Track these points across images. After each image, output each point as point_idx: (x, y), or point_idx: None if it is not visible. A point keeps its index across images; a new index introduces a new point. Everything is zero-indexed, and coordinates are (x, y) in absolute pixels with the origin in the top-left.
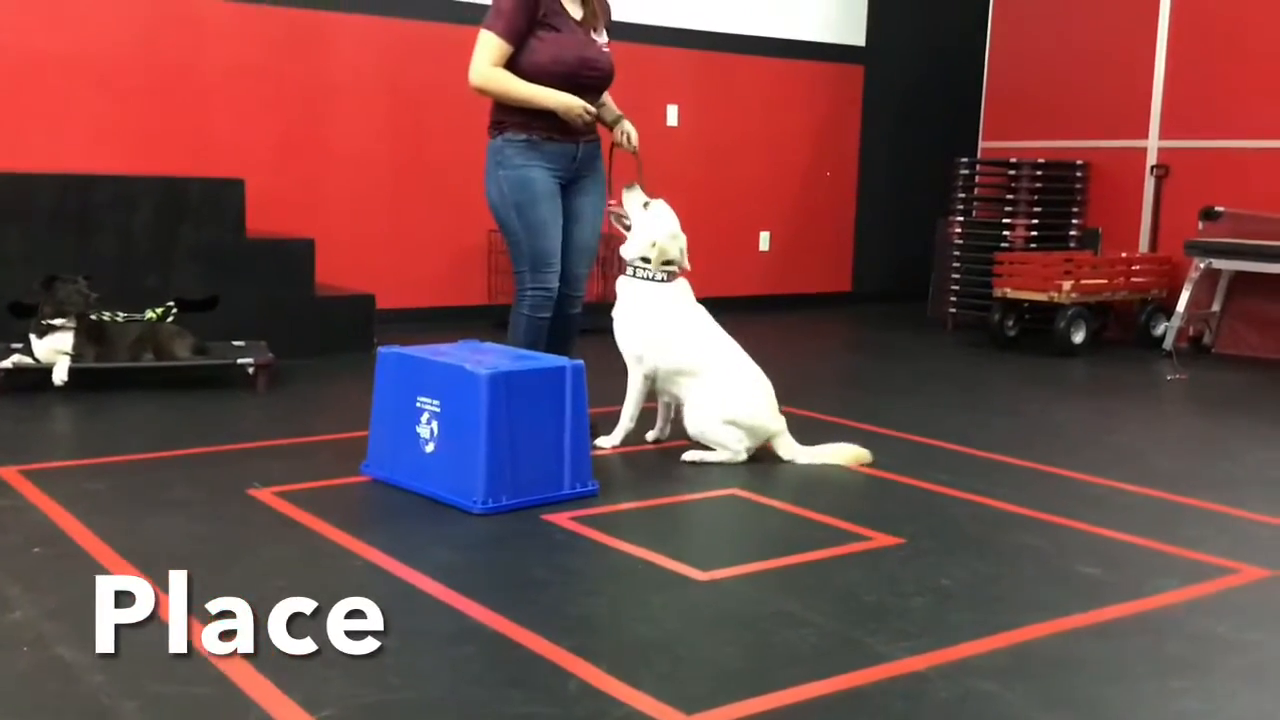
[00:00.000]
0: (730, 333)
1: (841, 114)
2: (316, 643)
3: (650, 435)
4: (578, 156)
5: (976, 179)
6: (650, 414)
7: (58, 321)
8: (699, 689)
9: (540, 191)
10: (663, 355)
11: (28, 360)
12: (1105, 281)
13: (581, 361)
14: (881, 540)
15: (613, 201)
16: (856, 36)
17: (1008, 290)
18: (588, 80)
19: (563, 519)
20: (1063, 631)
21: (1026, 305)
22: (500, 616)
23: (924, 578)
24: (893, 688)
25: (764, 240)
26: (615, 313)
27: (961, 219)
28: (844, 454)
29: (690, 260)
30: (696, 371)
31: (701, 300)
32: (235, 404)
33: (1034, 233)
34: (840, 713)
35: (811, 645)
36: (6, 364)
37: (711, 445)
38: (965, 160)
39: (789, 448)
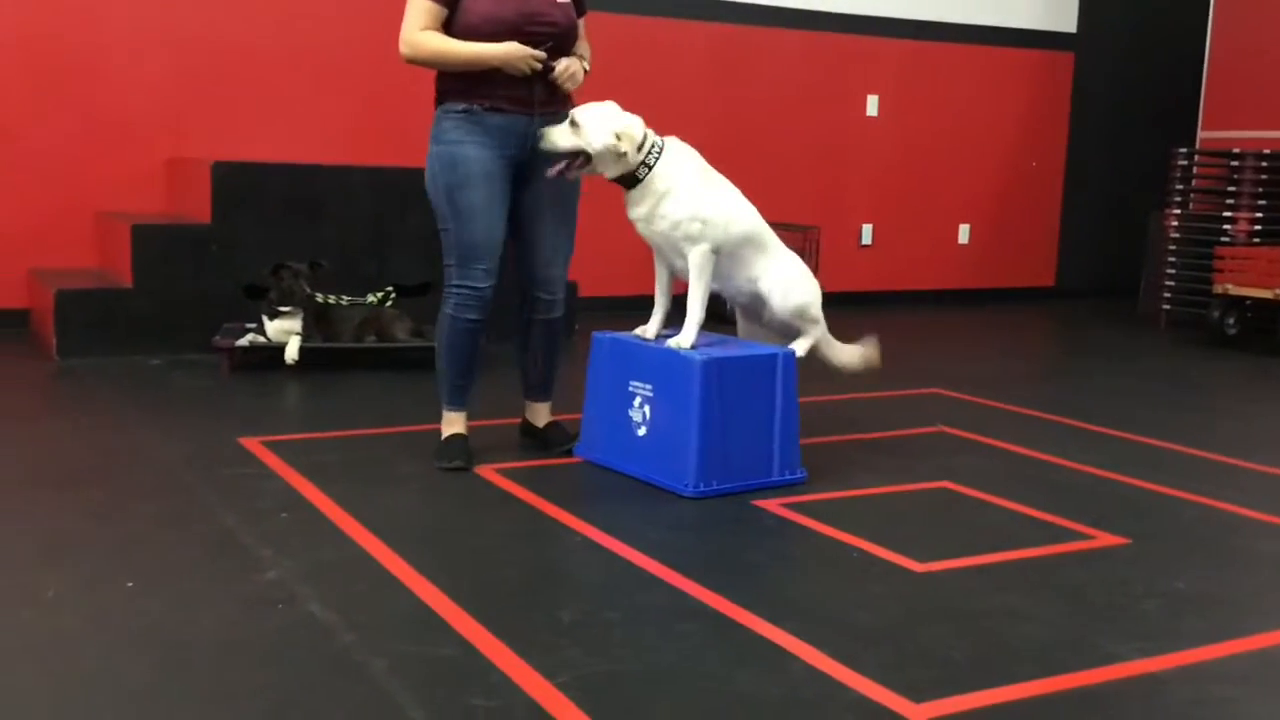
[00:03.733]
0: (929, 326)
1: (1049, 103)
2: (547, 613)
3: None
4: (532, 132)
5: (1195, 170)
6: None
7: (285, 308)
8: (925, 679)
9: (475, 172)
10: (728, 220)
11: (261, 339)
12: None
13: (793, 349)
14: (1105, 540)
15: (551, 170)
16: (1067, 23)
17: (1229, 286)
18: (534, 40)
19: (773, 505)
20: None
21: (1249, 303)
22: (719, 596)
23: (1154, 580)
24: (1128, 689)
25: (963, 233)
26: (646, 206)
27: (1178, 212)
28: (857, 356)
29: (887, 251)
30: (765, 243)
31: (898, 293)
32: None
33: (1258, 226)
34: (1074, 711)
35: (1039, 642)
36: (243, 342)
37: (806, 323)
38: (1183, 151)
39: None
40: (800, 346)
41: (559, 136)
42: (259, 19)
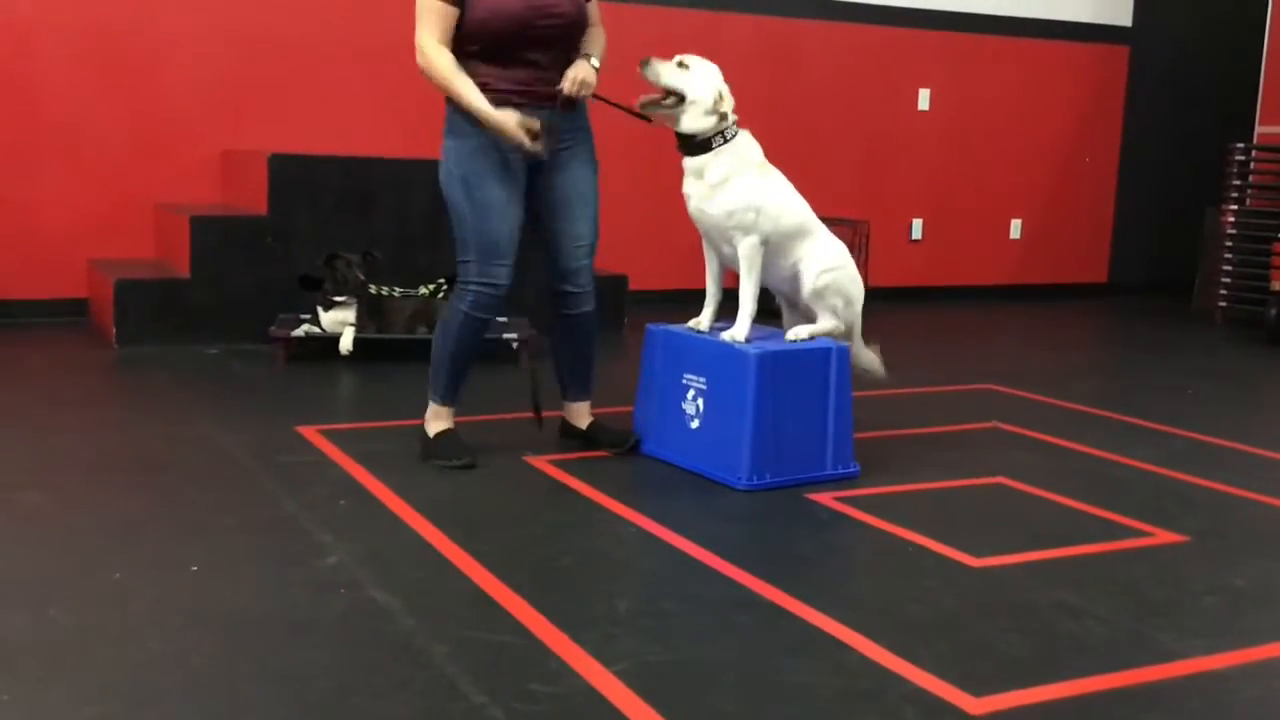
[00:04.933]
0: (981, 322)
1: (1103, 97)
2: (604, 602)
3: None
4: (548, 124)
5: (1253, 165)
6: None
7: (339, 298)
8: (983, 672)
9: (492, 166)
10: (780, 212)
11: (316, 330)
12: None
13: (846, 344)
14: (1164, 537)
15: (642, 97)
16: (1122, 16)
17: None
18: (544, 32)
19: (826, 498)
20: None
21: None
22: (774, 588)
23: (1214, 576)
24: (1191, 685)
25: (1015, 228)
26: (704, 185)
27: (1235, 208)
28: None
29: (938, 246)
30: (811, 230)
31: (949, 288)
32: (501, 376)
33: None
34: (1134, 706)
35: (1098, 638)
36: (298, 332)
37: (827, 307)
38: (1241, 146)
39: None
40: (808, 330)
41: (665, 70)
42: (315, 12)
